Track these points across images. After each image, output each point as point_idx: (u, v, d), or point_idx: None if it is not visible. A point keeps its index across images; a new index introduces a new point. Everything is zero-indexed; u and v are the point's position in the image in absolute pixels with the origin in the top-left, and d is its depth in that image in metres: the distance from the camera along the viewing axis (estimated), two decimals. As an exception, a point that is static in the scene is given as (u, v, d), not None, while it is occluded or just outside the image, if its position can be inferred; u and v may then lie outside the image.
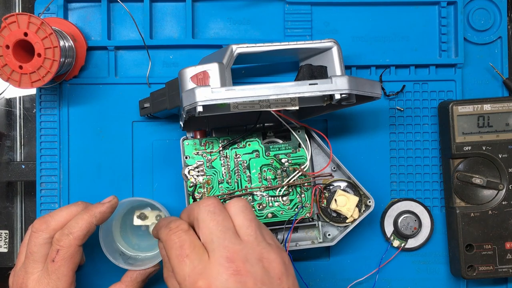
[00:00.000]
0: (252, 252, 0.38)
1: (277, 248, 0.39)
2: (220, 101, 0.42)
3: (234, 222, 0.39)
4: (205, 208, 0.39)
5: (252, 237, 0.39)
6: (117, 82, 0.56)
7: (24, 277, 0.46)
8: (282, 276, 0.38)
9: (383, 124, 0.57)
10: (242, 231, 0.39)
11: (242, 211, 0.40)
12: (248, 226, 0.39)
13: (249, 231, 0.39)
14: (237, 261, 0.37)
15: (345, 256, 0.57)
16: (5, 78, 0.49)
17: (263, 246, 0.38)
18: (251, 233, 0.39)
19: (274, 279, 0.37)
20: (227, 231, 0.38)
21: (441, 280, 0.57)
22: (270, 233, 0.41)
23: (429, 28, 0.57)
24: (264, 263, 0.38)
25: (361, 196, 0.53)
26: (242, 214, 0.40)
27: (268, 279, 0.37)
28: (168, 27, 0.57)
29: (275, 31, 0.57)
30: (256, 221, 0.40)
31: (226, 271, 0.36)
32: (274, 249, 0.39)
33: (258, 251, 0.38)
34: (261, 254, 0.38)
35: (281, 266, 0.38)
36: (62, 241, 0.45)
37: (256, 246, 0.38)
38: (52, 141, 0.55)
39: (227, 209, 0.40)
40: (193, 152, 0.52)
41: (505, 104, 0.53)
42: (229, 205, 0.40)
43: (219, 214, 0.39)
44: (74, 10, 0.56)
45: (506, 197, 0.54)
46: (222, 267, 0.36)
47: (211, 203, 0.40)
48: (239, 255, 0.37)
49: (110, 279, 0.52)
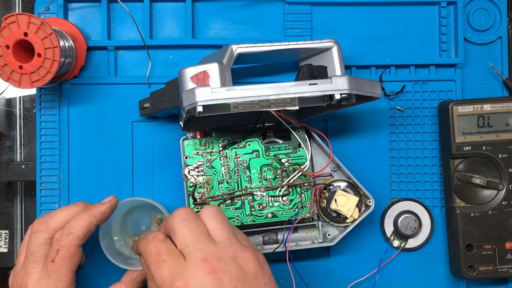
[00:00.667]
0: (226, 252, 0.39)
1: (251, 247, 0.41)
2: (220, 101, 0.42)
3: (208, 227, 0.41)
4: (178, 217, 0.41)
5: (225, 239, 0.40)
6: (117, 82, 0.56)
7: (24, 277, 0.46)
8: (257, 272, 0.39)
9: (383, 124, 0.57)
10: (215, 233, 0.41)
11: (214, 216, 0.41)
12: (220, 229, 0.41)
13: (222, 233, 0.40)
14: (212, 261, 0.38)
15: (345, 256, 0.57)
16: (5, 78, 0.49)
17: (236, 246, 0.40)
18: (224, 235, 0.40)
19: (249, 276, 0.39)
20: (200, 235, 0.40)
21: (441, 280, 0.57)
22: (244, 236, 0.43)
23: (429, 28, 0.57)
24: (238, 261, 0.39)
25: (361, 196, 0.53)
26: (214, 219, 0.41)
27: (243, 276, 0.38)
28: (168, 27, 0.57)
29: (275, 31, 0.57)
30: (228, 224, 0.42)
31: (201, 271, 0.37)
32: (247, 248, 0.40)
33: (232, 251, 0.39)
34: (235, 254, 0.39)
35: (255, 264, 0.39)
36: (62, 241, 0.45)
37: (230, 246, 0.40)
38: (52, 141, 0.55)
39: (200, 216, 0.42)
40: (193, 152, 0.52)
41: (505, 104, 0.53)
42: (202, 212, 0.42)
43: (191, 220, 0.41)
44: (74, 10, 0.56)
45: (506, 197, 0.54)
46: (198, 267, 0.38)
47: (183, 212, 0.41)
48: (214, 255, 0.38)
49: (110, 279, 0.52)
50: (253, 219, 0.52)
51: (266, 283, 0.39)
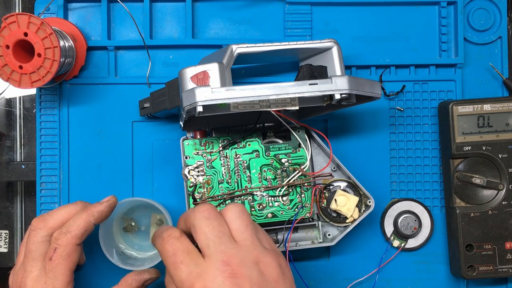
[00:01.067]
0: (248, 256, 0.38)
1: (274, 252, 0.40)
2: (220, 101, 0.42)
3: (231, 227, 0.40)
4: (200, 215, 0.40)
5: (248, 241, 0.39)
6: (117, 82, 0.56)
7: (23, 275, 0.46)
8: (278, 279, 0.38)
9: (383, 124, 0.57)
10: (238, 235, 0.39)
11: (238, 216, 0.40)
12: (244, 230, 0.39)
13: (245, 235, 0.39)
14: (233, 265, 0.37)
15: (345, 256, 0.57)
16: (5, 78, 0.49)
17: (259, 250, 0.39)
18: (247, 238, 0.39)
19: (270, 282, 0.38)
20: (222, 236, 0.39)
21: (441, 280, 0.57)
22: (267, 237, 0.42)
23: (429, 28, 0.57)
24: (260, 266, 0.38)
25: (361, 196, 0.53)
26: (238, 219, 0.40)
27: (264, 282, 0.37)
28: (168, 27, 0.57)
29: (275, 31, 0.57)
30: (252, 225, 0.40)
31: (222, 274, 0.37)
32: (270, 253, 0.39)
33: (255, 254, 0.38)
34: (257, 258, 0.38)
35: (277, 270, 0.38)
36: (60, 239, 0.45)
37: (253, 250, 0.38)
38: (52, 141, 0.55)
39: (223, 214, 0.40)
40: (193, 152, 0.52)
41: (505, 104, 0.53)
42: (226, 210, 0.41)
43: (214, 219, 0.39)
44: (74, 10, 0.56)
45: (506, 197, 0.54)
46: (218, 271, 0.37)
47: (206, 209, 0.40)
48: (235, 258, 0.37)
49: (110, 279, 0.52)
50: (253, 219, 0.52)
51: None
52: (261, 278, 0.37)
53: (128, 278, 0.50)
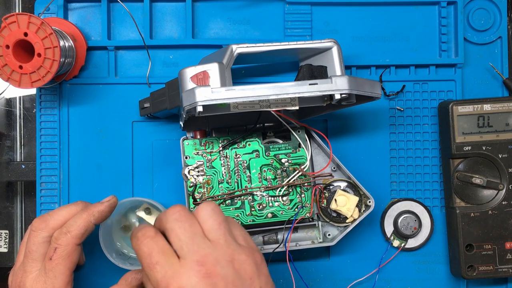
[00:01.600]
0: (223, 254, 0.38)
1: (249, 248, 0.40)
2: (220, 101, 0.42)
3: (203, 226, 0.40)
4: (171, 217, 0.40)
5: (222, 240, 0.39)
6: (117, 82, 0.56)
7: (22, 275, 0.46)
8: (253, 276, 0.39)
9: (383, 124, 0.57)
10: (211, 234, 0.39)
11: (210, 216, 0.40)
12: (217, 229, 0.40)
13: (218, 234, 0.39)
14: (208, 264, 0.37)
15: (345, 256, 0.57)
16: (5, 78, 0.49)
17: (233, 248, 0.39)
18: (220, 236, 0.39)
19: (245, 280, 0.38)
20: (194, 236, 0.39)
21: (441, 280, 0.57)
22: (243, 233, 0.42)
23: (429, 28, 0.57)
24: (234, 264, 0.38)
25: (361, 196, 0.53)
26: (210, 219, 0.40)
27: (239, 280, 0.38)
28: (168, 27, 0.57)
29: (275, 31, 0.57)
30: (225, 223, 0.40)
31: (196, 274, 0.37)
32: (245, 250, 0.39)
33: (229, 253, 0.38)
34: (231, 256, 0.38)
35: (252, 267, 0.39)
36: (60, 239, 0.45)
37: (227, 248, 0.39)
38: (52, 141, 0.55)
39: (196, 215, 0.41)
40: (193, 152, 0.52)
41: (505, 104, 0.53)
42: (197, 210, 0.41)
43: (185, 221, 0.39)
44: (74, 10, 0.56)
45: (506, 197, 0.54)
46: (193, 271, 0.37)
47: (176, 211, 0.40)
48: (209, 258, 0.38)
49: (110, 279, 0.52)
50: (253, 219, 0.52)
51: (262, 286, 0.39)
52: (236, 276, 0.38)
53: (128, 276, 0.50)
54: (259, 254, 0.40)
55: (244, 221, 0.52)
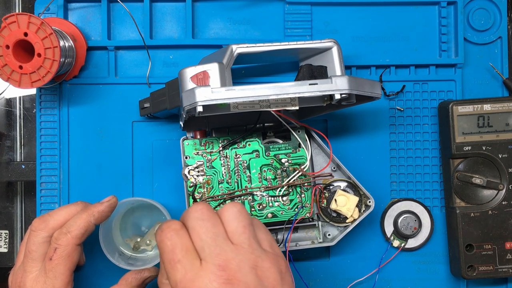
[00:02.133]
0: (246, 260, 0.36)
1: (273, 255, 0.38)
2: (220, 101, 0.42)
3: (227, 228, 0.38)
4: (193, 215, 0.38)
5: (246, 244, 0.37)
6: (117, 82, 0.56)
7: (22, 275, 0.46)
8: (276, 285, 0.37)
9: (383, 124, 0.57)
10: (235, 237, 0.38)
11: (236, 217, 0.38)
12: (241, 232, 0.38)
13: (242, 238, 0.38)
14: (229, 270, 0.36)
15: (345, 256, 0.57)
16: (5, 78, 0.49)
17: (257, 254, 0.37)
18: (244, 240, 0.37)
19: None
20: (217, 238, 0.37)
21: (441, 280, 0.57)
22: (269, 238, 0.40)
23: (429, 28, 0.57)
24: (257, 271, 0.37)
25: (361, 196, 0.53)
26: (236, 221, 0.38)
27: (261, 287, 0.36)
28: (168, 27, 0.57)
29: (275, 31, 0.57)
30: (251, 226, 0.39)
31: (217, 280, 0.35)
32: (269, 256, 0.38)
33: (252, 259, 0.37)
34: (255, 262, 0.37)
35: (275, 275, 0.37)
36: (60, 239, 0.45)
37: (250, 254, 0.37)
38: (52, 141, 0.55)
39: (220, 215, 0.39)
40: (193, 152, 0.52)
41: (505, 104, 0.53)
42: (223, 210, 0.39)
43: (208, 220, 0.38)
44: (74, 10, 0.56)
45: (506, 197, 0.54)
46: (214, 275, 0.35)
47: (199, 209, 0.38)
48: (231, 263, 0.36)
49: (110, 279, 0.52)
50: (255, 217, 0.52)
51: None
52: (258, 284, 0.36)
53: (128, 276, 0.50)
54: (284, 262, 0.39)
55: (244, 221, 0.52)
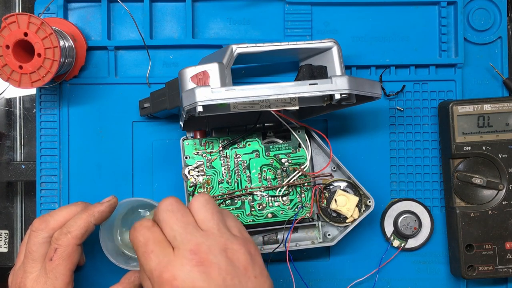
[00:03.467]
0: (216, 244, 0.38)
1: (242, 239, 0.40)
2: (220, 101, 0.42)
3: (197, 217, 0.40)
4: (164, 208, 0.40)
5: (215, 229, 0.39)
6: (117, 82, 0.56)
7: (22, 276, 0.46)
8: (247, 265, 0.39)
9: (383, 124, 0.57)
10: (204, 224, 0.40)
11: (203, 206, 0.41)
12: (210, 219, 0.40)
13: (211, 224, 0.40)
14: (200, 253, 0.38)
15: (345, 256, 0.57)
16: (5, 78, 0.49)
17: (226, 237, 0.39)
18: (213, 226, 0.40)
19: (239, 269, 0.38)
20: (187, 226, 0.39)
21: (441, 280, 0.57)
22: (238, 224, 0.42)
23: (429, 28, 0.57)
24: (228, 253, 0.38)
25: (361, 196, 0.53)
26: (203, 208, 0.40)
27: (232, 268, 0.38)
28: (168, 27, 0.57)
29: (275, 31, 0.57)
30: (219, 214, 0.41)
31: (189, 263, 0.37)
32: (238, 240, 0.40)
33: (222, 242, 0.39)
34: (225, 245, 0.39)
35: (246, 256, 0.39)
36: (60, 240, 0.45)
37: (220, 238, 0.39)
38: (52, 141, 0.55)
39: (190, 206, 0.41)
40: (193, 152, 0.52)
41: (505, 104, 0.53)
42: (191, 201, 0.41)
43: (177, 211, 0.40)
44: (74, 10, 0.56)
45: (506, 197, 0.54)
46: (186, 259, 0.37)
47: (168, 203, 0.40)
48: (202, 247, 0.38)
49: (110, 279, 0.52)
50: (253, 219, 0.52)
51: (257, 275, 0.39)
52: (229, 265, 0.38)
53: (131, 275, 0.50)
54: (252, 245, 0.41)
55: (244, 221, 0.52)
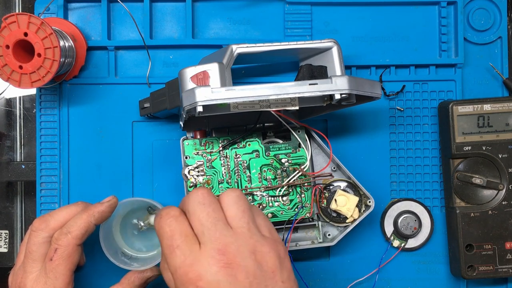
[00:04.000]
0: (245, 245, 0.37)
1: (272, 240, 0.39)
2: (220, 101, 0.42)
3: (227, 213, 0.39)
4: (194, 199, 0.39)
5: (245, 229, 0.38)
6: (117, 82, 0.56)
7: (22, 276, 0.46)
8: (275, 269, 0.37)
9: (383, 124, 0.57)
10: (234, 222, 0.38)
11: (235, 202, 0.39)
12: (241, 217, 0.38)
13: (241, 222, 0.38)
14: (228, 254, 0.36)
15: (345, 256, 0.57)
16: (5, 78, 0.49)
17: (256, 238, 0.38)
18: (243, 225, 0.38)
19: (267, 273, 0.37)
20: (217, 222, 0.37)
21: (441, 280, 0.57)
22: (267, 224, 0.40)
23: (429, 28, 0.57)
24: (256, 256, 0.37)
25: (361, 196, 0.53)
26: (235, 205, 0.39)
27: (260, 272, 0.37)
28: (168, 27, 0.57)
29: (275, 31, 0.57)
30: (250, 211, 0.39)
31: (216, 264, 0.36)
32: (268, 241, 0.38)
33: (251, 243, 0.37)
34: (254, 247, 0.37)
35: (274, 260, 0.37)
36: (60, 240, 0.45)
37: (249, 239, 0.37)
38: (52, 141, 0.55)
39: (220, 200, 0.39)
40: (193, 152, 0.52)
41: (505, 104, 0.53)
42: (222, 196, 0.39)
43: (209, 205, 0.38)
44: (74, 10, 0.56)
45: (506, 197, 0.54)
46: (213, 259, 0.36)
47: (200, 194, 0.39)
48: (231, 247, 0.36)
49: (110, 279, 0.52)
50: (253, 219, 0.52)
51: (284, 280, 0.37)
52: (257, 268, 0.37)
53: (131, 276, 0.50)
54: (282, 247, 0.39)
55: (244, 221, 0.52)
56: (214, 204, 0.39)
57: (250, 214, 0.39)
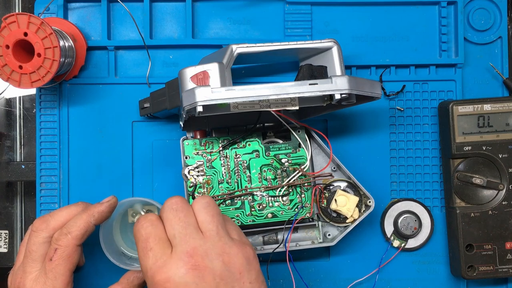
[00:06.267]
0: (213, 247, 0.39)
1: (240, 243, 0.40)
2: (220, 101, 0.42)
3: (198, 218, 0.41)
4: (169, 206, 0.41)
5: (214, 232, 0.40)
6: (117, 82, 0.56)
7: (22, 276, 0.46)
8: (243, 270, 0.39)
9: (383, 124, 0.57)
10: (204, 226, 0.40)
11: (204, 207, 0.41)
12: (210, 221, 0.40)
13: (210, 226, 0.40)
14: (196, 256, 0.38)
15: (345, 256, 0.57)
16: (5, 78, 0.49)
17: (224, 241, 0.39)
18: (212, 228, 0.40)
19: (234, 274, 0.38)
20: (188, 226, 0.39)
21: (441, 280, 0.57)
22: (237, 229, 0.42)
23: (429, 28, 0.57)
24: (224, 258, 0.39)
25: (361, 196, 0.53)
26: (204, 210, 0.41)
27: (227, 273, 0.38)
28: (168, 27, 0.57)
29: (275, 31, 0.57)
30: (218, 216, 0.41)
31: (185, 266, 0.37)
32: (236, 244, 0.40)
33: (219, 246, 0.39)
34: (222, 249, 0.39)
35: (242, 261, 0.39)
36: (60, 240, 0.45)
37: (217, 241, 0.39)
38: (52, 141, 0.55)
39: (192, 207, 0.41)
40: (193, 152, 0.52)
41: (505, 104, 0.53)
42: (194, 202, 0.42)
43: (181, 211, 0.40)
44: (74, 10, 0.56)
45: (506, 197, 0.54)
46: (181, 262, 0.38)
47: (174, 201, 0.41)
48: (199, 250, 0.38)
49: (110, 279, 0.52)
50: (253, 219, 0.52)
51: (252, 281, 0.39)
52: (225, 270, 0.38)
53: (130, 275, 0.50)
54: (251, 249, 0.41)
55: (244, 221, 0.52)
56: (186, 210, 0.41)
57: (220, 219, 0.41)
